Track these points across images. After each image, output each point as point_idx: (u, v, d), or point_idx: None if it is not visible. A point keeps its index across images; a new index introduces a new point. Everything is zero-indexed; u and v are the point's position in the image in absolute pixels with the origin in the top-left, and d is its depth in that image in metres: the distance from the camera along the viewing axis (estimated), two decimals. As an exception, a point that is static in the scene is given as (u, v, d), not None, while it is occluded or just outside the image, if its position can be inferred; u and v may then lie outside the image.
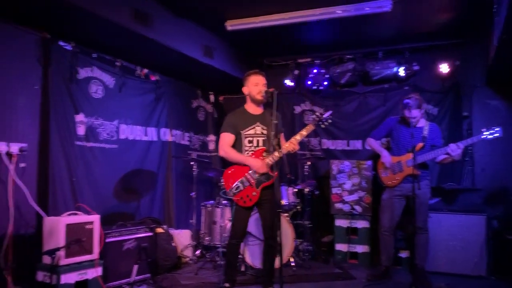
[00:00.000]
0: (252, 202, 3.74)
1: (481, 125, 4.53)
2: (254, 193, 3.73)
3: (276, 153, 3.62)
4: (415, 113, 4.36)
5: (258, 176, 3.73)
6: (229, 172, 3.81)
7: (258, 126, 3.85)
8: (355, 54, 6.28)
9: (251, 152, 3.80)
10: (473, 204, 4.86)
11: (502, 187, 5.44)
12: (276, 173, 3.68)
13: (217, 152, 3.87)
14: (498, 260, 4.71)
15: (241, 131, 3.82)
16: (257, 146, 3.82)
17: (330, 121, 3.77)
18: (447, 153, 4.25)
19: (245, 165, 3.76)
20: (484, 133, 4.13)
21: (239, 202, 3.74)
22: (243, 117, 3.88)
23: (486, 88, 5.66)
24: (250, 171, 3.73)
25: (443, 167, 5.61)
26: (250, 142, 3.82)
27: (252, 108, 3.91)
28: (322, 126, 3.80)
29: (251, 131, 3.83)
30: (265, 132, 3.84)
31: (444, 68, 5.79)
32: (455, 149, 4.16)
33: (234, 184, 3.74)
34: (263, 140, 3.83)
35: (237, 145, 3.85)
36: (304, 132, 3.71)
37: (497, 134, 4.09)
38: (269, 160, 3.69)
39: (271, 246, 3.81)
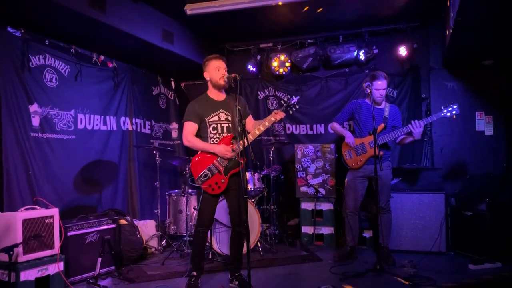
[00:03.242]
0: (220, 190, 3.71)
1: (439, 106, 4.68)
2: (222, 180, 3.69)
3: (245, 141, 3.50)
4: (384, 85, 4.45)
5: (227, 163, 3.70)
6: (197, 159, 3.74)
7: (222, 112, 3.78)
8: (316, 38, 6.30)
9: (217, 139, 3.74)
10: (433, 183, 5.03)
11: (459, 165, 5.69)
12: (244, 160, 3.66)
13: (181, 140, 3.79)
14: (456, 236, 4.90)
15: (205, 119, 3.75)
16: (222, 133, 3.76)
17: (297, 106, 3.76)
18: (409, 132, 4.37)
19: (211, 153, 3.71)
20: (443, 111, 4.31)
21: (208, 189, 3.69)
22: (206, 104, 3.80)
23: (443, 70, 5.83)
24: (218, 159, 3.68)
25: (403, 148, 5.76)
26: (214, 129, 3.75)
27: (214, 94, 3.84)
28: (291, 112, 3.79)
29: (215, 118, 3.76)
30: (229, 118, 3.79)
31: (402, 51, 5.92)
32: (416, 126, 4.27)
33: (202, 172, 3.68)
34: (227, 126, 3.77)
35: (201, 133, 3.78)
36: (273, 119, 3.68)
37: (455, 112, 4.28)
38: (237, 147, 3.65)
39: (240, 233, 3.80)
